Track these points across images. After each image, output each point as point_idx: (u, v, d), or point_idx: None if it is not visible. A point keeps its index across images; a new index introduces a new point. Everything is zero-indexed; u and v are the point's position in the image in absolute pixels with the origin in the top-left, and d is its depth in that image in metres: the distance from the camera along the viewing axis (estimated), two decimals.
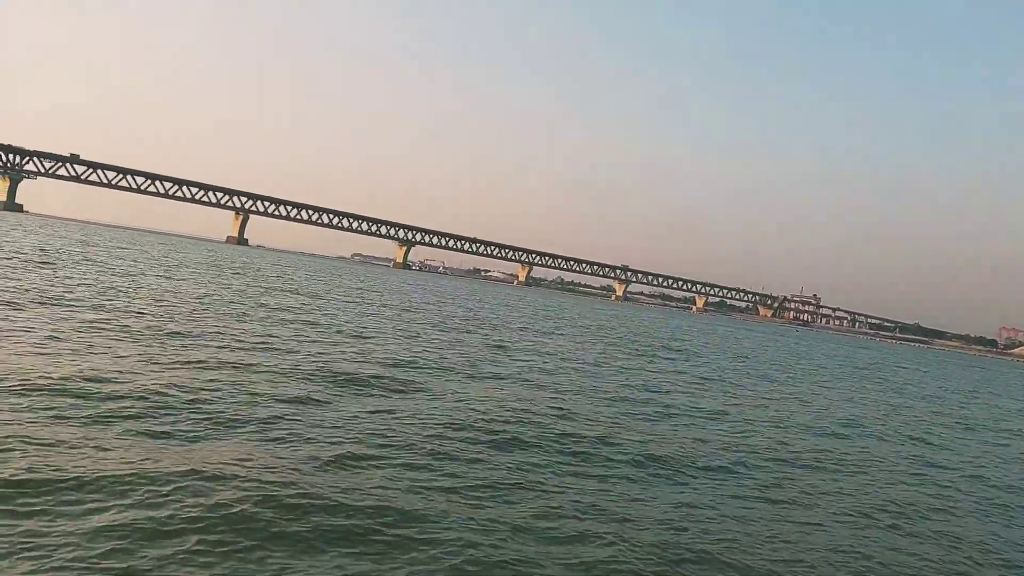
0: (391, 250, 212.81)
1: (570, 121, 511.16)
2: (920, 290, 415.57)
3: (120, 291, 25.73)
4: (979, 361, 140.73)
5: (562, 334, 38.14)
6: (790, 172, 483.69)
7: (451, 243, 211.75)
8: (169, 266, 47.70)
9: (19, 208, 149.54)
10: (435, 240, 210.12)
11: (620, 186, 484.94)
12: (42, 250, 42.79)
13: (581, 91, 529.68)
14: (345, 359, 17.13)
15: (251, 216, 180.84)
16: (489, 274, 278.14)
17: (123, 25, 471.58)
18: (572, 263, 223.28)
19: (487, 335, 29.97)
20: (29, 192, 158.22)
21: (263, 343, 17.94)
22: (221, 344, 16.69)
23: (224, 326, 20.12)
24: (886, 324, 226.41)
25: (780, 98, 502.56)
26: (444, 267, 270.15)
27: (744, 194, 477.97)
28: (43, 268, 30.36)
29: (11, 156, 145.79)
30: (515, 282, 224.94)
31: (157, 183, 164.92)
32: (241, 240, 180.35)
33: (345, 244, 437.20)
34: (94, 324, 16.80)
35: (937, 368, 70.93)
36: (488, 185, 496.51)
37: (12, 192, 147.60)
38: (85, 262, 38.77)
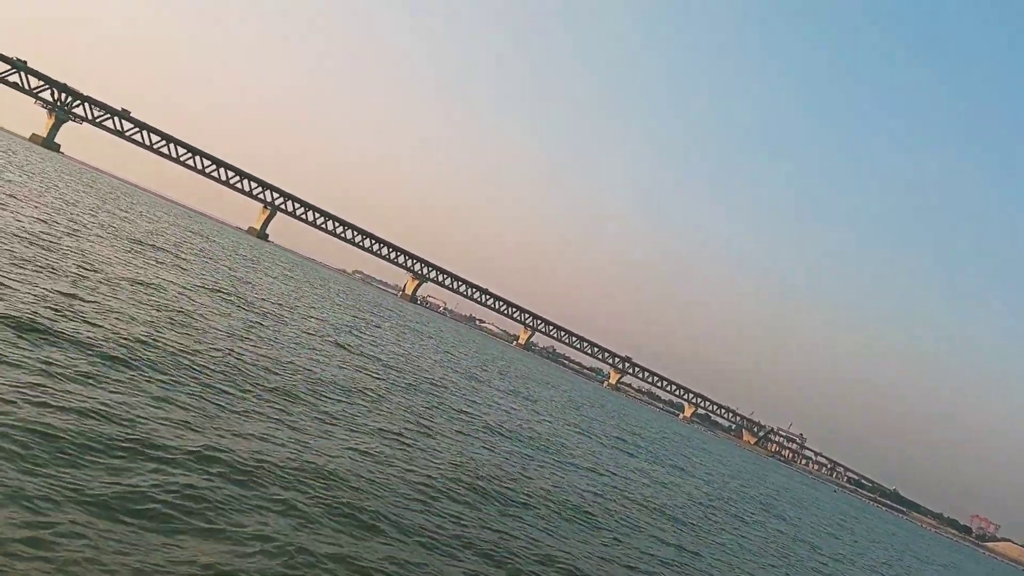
0: (395, 275, 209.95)
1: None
2: (895, 452, 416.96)
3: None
4: (968, 552, 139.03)
5: None
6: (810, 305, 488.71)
7: (461, 287, 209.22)
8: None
9: (56, 147, 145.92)
10: (447, 280, 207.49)
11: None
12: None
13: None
14: None
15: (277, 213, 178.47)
16: (484, 325, 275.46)
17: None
18: (575, 339, 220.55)
19: None
20: (66, 134, 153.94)
21: None
22: None
23: None
24: (864, 482, 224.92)
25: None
26: (444, 308, 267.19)
27: (754, 312, 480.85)
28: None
29: (63, 96, 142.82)
30: (514, 343, 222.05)
31: (197, 158, 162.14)
32: (262, 234, 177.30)
33: (349, 256, 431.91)
34: None
35: None
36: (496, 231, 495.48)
37: (54, 130, 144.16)
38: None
